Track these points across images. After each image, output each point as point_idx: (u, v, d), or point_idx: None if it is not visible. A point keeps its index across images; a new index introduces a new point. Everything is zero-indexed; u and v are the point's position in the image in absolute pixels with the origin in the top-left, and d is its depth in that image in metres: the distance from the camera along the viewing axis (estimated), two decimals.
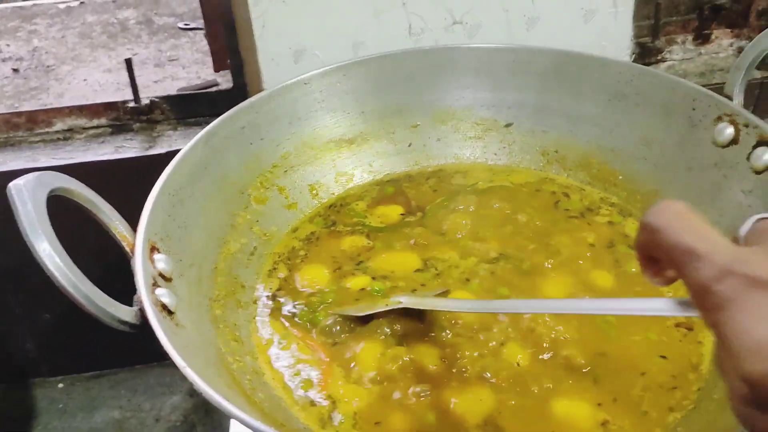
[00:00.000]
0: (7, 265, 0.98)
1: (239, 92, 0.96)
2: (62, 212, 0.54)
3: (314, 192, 0.83)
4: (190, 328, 0.58)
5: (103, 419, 1.02)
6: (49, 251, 0.48)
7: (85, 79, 1.32)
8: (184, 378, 0.83)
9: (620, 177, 0.80)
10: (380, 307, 0.65)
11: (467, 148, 0.88)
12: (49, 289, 1.06)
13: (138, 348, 1.08)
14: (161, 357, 1.14)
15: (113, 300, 0.52)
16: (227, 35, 0.90)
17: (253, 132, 0.79)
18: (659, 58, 1.02)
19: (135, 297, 0.55)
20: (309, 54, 0.90)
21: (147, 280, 0.56)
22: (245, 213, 0.76)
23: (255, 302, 0.70)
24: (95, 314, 0.50)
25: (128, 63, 0.91)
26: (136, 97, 0.94)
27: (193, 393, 1.05)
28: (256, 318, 0.68)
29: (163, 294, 0.56)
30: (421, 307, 0.64)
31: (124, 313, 0.52)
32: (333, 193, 0.83)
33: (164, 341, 0.50)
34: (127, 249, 0.60)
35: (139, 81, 0.99)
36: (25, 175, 0.52)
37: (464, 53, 0.87)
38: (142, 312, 0.53)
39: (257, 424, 0.46)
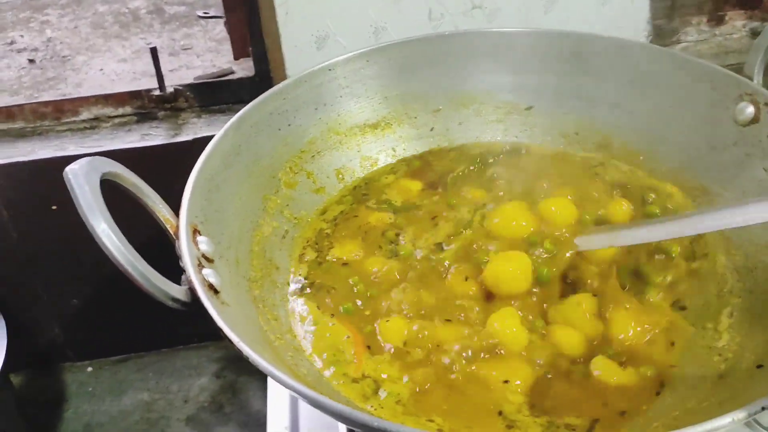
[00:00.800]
0: (33, 252, 0.99)
1: (261, 79, 0.98)
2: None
3: (340, 176, 0.84)
4: (234, 307, 0.60)
5: (131, 401, 1.05)
6: (107, 232, 0.50)
7: (101, 69, 1.33)
8: (210, 360, 0.86)
9: (641, 158, 0.82)
10: None
11: (489, 132, 0.90)
12: (75, 274, 1.08)
13: (164, 331, 1.11)
14: (187, 340, 1.17)
15: (166, 279, 0.54)
16: (250, 22, 0.91)
17: (281, 118, 0.80)
18: (674, 39, 1.03)
19: (183, 277, 0.57)
20: (331, 40, 0.92)
21: (193, 261, 0.58)
22: (276, 197, 0.77)
23: (288, 283, 0.72)
24: (150, 291, 0.52)
25: (153, 52, 0.93)
26: (161, 86, 0.95)
27: (220, 375, 1.07)
28: (290, 298, 0.70)
29: (209, 274, 0.58)
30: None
31: (176, 291, 0.54)
32: (358, 177, 0.85)
33: (216, 318, 0.52)
34: (171, 232, 0.62)
35: (155, 71, 1.00)
36: (79, 160, 0.54)
37: (484, 37, 0.88)
38: (191, 291, 0.55)
39: (310, 392, 0.47)
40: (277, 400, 0.73)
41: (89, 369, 1.11)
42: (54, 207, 0.95)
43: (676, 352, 0.62)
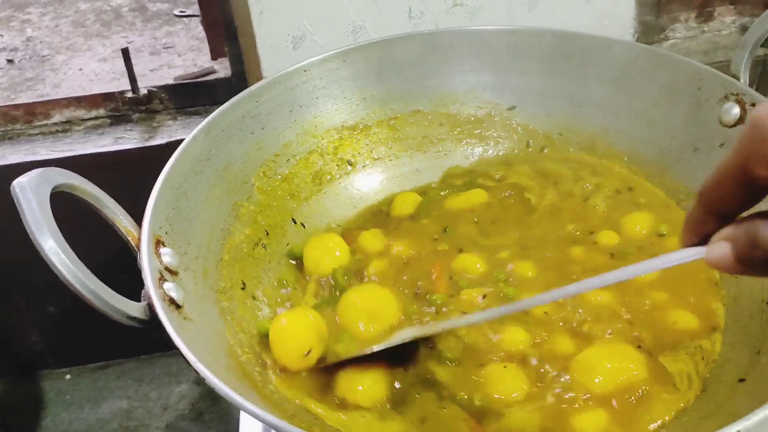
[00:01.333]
0: (10, 259, 0.97)
1: (238, 80, 0.95)
2: (63, 208, 0.54)
3: (317, 180, 0.82)
4: (198, 321, 0.58)
5: (110, 409, 1.03)
6: (55, 249, 0.48)
7: (80, 69, 1.31)
8: (190, 367, 0.84)
9: (625, 159, 0.79)
10: (389, 342, 0.60)
11: (470, 133, 0.87)
12: (53, 282, 1.05)
13: (143, 339, 1.09)
14: (167, 347, 1.14)
15: (121, 296, 0.52)
16: (225, 22, 0.89)
17: (253, 121, 0.78)
18: (662, 36, 1.01)
19: (143, 292, 0.55)
20: (308, 40, 0.89)
21: (154, 275, 0.56)
22: (249, 203, 0.75)
23: (262, 293, 0.70)
24: (104, 311, 0.50)
25: (125, 53, 0.90)
26: (134, 88, 0.93)
27: (200, 382, 1.04)
28: (263, 309, 0.68)
29: (171, 288, 0.56)
30: (432, 333, 0.60)
31: (133, 308, 0.52)
32: (336, 181, 0.83)
33: (174, 336, 0.50)
34: (133, 244, 0.59)
35: (135, 70, 0.98)
36: (29, 173, 0.52)
37: (465, 36, 0.86)
38: (150, 307, 0.53)
39: (267, 416, 0.45)
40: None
41: (68, 376, 1.09)
42: None
43: None
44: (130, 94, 0.93)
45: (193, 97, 0.96)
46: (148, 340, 1.09)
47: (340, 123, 0.84)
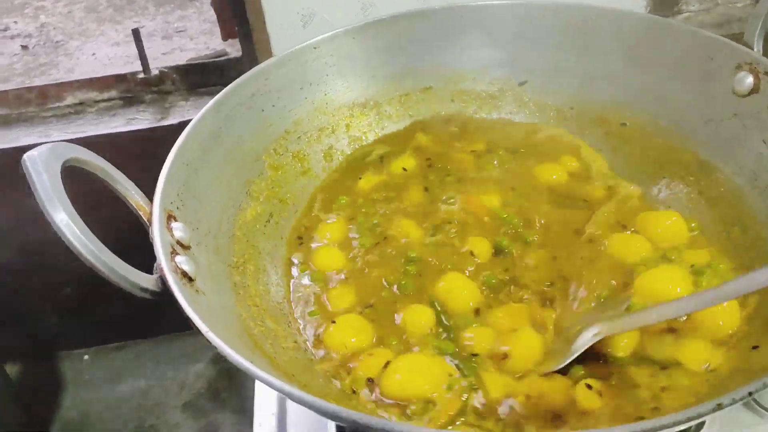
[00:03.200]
0: (27, 243, 0.98)
1: (248, 60, 0.96)
2: (74, 185, 0.54)
3: (328, 157, 0.82)
4: (210, 295, 0.58)
5: (128, 388, 1.04)
6: (66, 221, 0.48)
7: (93, 54, 1.32)
8: (206, 346, 0.84)
9: (637, 132, 0.79)
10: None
11: (482, 108, 0.87)
12: (70, 264, 1.07)
13: (160, 319, 1.10)
14: (183, 327, 1.16)
15: (133, 268, 0.52)
16: (234, 2, 0.89)
17: (263, 99, 0.78)
18: (675, 9, 0.99)
19: (155, 265, 0.56)
20: (318, 18, 0.89)
21: (166, 248, 0.56)
22: (260, 180, 0.75)
23: (273, 268, 0.71)
24: (116, 282, 0.51)
25: (135, 33, 0.91)
26: (146, 68, 0.93)
27: (217, 360, 1.06)
28: (274, 283, 0.69)
29: (183, 261, 0.57)
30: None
31: (145, 280, 0.53)
32: (347, 157, 0.83)
33: (186, 307, 0.51)
34: (144, 218, 0.60)
35: (148, 53, 0.98)
36: (39, 146, 0.52)
37: (475, 11, 0.85)
38: (162, 279, 0.53)
39: (281, 384, 0.46)
40: (263, 387, 0.72)
41: (86, 357, 1.10)
42: None
43: None
44: (141, 75, 0.93)
45: (204, 77, 0.97)
46: (165, 321, 1.10)
47: (351, 100, 0.84)
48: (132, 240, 0.66)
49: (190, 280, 0.57)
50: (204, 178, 0.68)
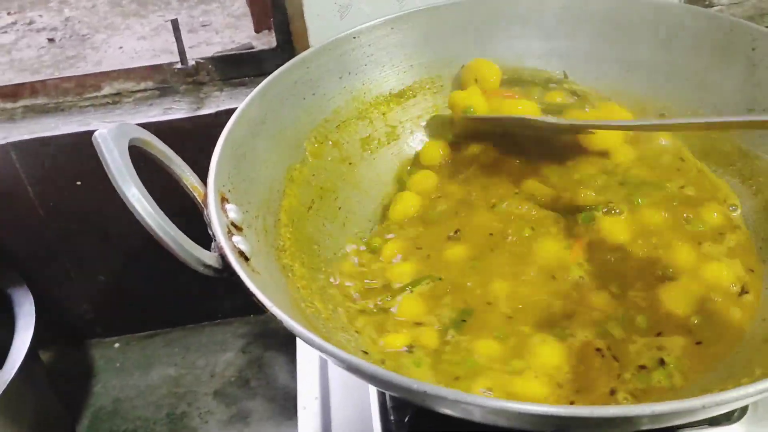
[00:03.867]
0: (62, 230, 0.99)
1: (283, 51, 0.97)
2: None
3: (366, 146, 0.83)
4: (264, 275, 0.59)
5: (159, 376, 1.05)
6: (138, 196, 0.49)
7: (120, 47, 1.33)
8: (236, 336, 0.85)
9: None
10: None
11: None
12: (102, 250, 1.08)
13: (190, 308, 1.11)
14: (213, 316, 1.17)
15: (196, 245, 0.53)
16: None
17: (305, 87, 0.79)
18: (706, 3, 1.00)
19: (213, 245, 0.56)
20: (354, 8, 0.90)
21: (223, 228, 0.57)
22: (302, 167, 0.76)
23: (317, 252, 0.71)
24: (182, 257, 0.52)
25: (174, 24, 0.92)
26: (183, 59, 0.94)
27: (246, 350, 1.07)
28: (321, 267, 0.70)
29: (239, 241, 0.58)
30: None
31: (207, 257, 0.54)
32: (385, 147, 0.84)
33: (248, 283, 0.52)
34: (199, 200, 0.61)
35: (174, 47, 0.99)
36: (107, 125, 0.53)
37: (512, 2, 0.86)
38: (222, 257, 0.54)
39: (342, 353, 0.46)
40: (307, 370, 0.73)
41: (116, 345, 1.11)
42: (78, 183, 0.95)
43: None
44: (178, 66, 0.94)
45: (239, 68, 0.98)
46: (195, 310, 1.11)
47: (388, 90, 0.85)
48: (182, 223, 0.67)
49: (246, 259, 0.57)
50: (251, 163, 0.69)
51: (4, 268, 0.87)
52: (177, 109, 0.94)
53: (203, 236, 0.57)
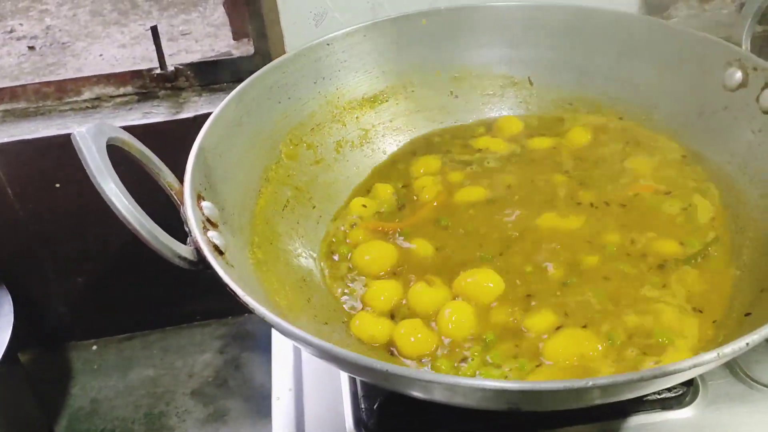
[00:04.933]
0: (40, 232, 1.01)
1: (261, 58, 0.99)
2: None
3: (339, 149, 0.86)
4: (238, 268, 0.62)
5: (137, 377, 1.06)
6: (115, 191, 0.52)
7: (101, 54, 1.35)
8: (213, 337, 0.88)
9: (633, 125, 0.84)
10: None
11: (485, 105, 0.91)
12: (80, 253, 1.10)
13: (167, 310, 1.13)
14: (190, 318, 1.18)
15: (172, 238, 0.56)
16: (249, 2, 0.93)
17: (280, 91, 0.82)
18: (665, 15, 1.05)
19: (188, 239, 0.59)
20: (329, 17, 0.93)
21: (198, 224, 0.60)
22: (277, 167, 0.79)
23: (290, 249, 0.74)
24: (158, 249, 0.54)
25: (154, 30, 0.95)
26: (162, 64, 0.97)
27: (223, 350, 1.09)
28: (293, 261, 0.73)
29: (214, 236, 0.60)
30: None
31: (183, 250, 0.56)
32: (358, 149, 0.87)
33: (222, 274, 0.54)
34: (176, 197, 0.63)
35: (153, 55, 1.02)
36: (86, 125, 0.56)
37: (479, 12, 0.90)
38: (198, 251, 0.57)
39: (317, 341, 0.49)
40: (281, 363, 0.75)
41: (94, 347, 1.13)
42: (57, 185, 0.97)
43: None
44: (158, 71, 0.97)
45: (217, 74, 1.01)
46: (172, 312, 1.13)
47: (361, 95, 0.89)
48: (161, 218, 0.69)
49: (221, 253, 0.60)
50: (227, 163, 0.72)
51: None
52: (156, 114, 0.96)
53: (181, 233, 0.60)
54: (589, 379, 0.42)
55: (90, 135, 0.54)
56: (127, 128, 0.95)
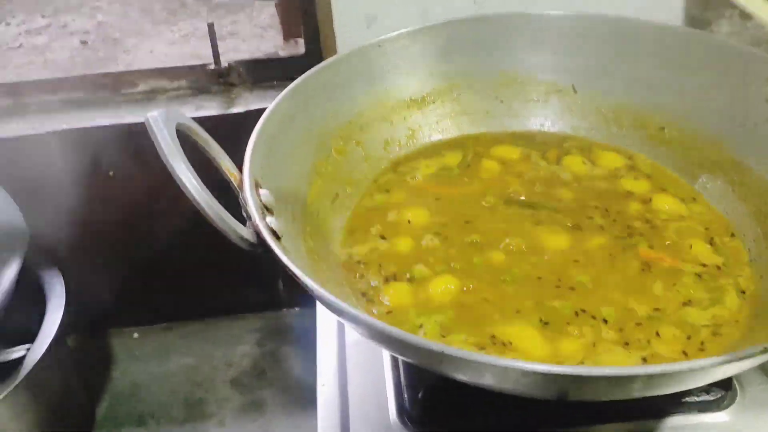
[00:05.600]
0: (93, 219, 1.05)
1: (311, 57, 1.03)
2: None
3: (387, 147, 0.89)
4: (293, 254, 0.64)
5: (177, 365, 1.09)
6: (186, 171, 0.54)
7: (151, 51, 1.39)
8: (251, 330, 0.89)
9: (676, 135, 0.85)
10: None
11: (529, 111, 0.94)
12: (127, 243, 1.13)
13: (207, 303, 1.16)
14: (229, 312, 1.21)
15: (235, 219, 0.59)
16: (303, 3, 0.96)
17: (332, 90, 0.85)
18: (707, 30, 1.06)
19: (247, 224, 0.62)
20: (380, 20, 0.96)
21: (257, 209, 0.62)
22: (327, 163, 0.82)
23: (337, 241, 0.77)
24: (223, 229, 0.57)
25: (210, 27, 0.98)
26: (217, 60, 1.00)
27: (261, 343, 1.11)
28: (342, 251, 0.75)
29: (272, 221, 0.63)
30: None
31: (245, 232, 0.59)
32: (404, 149, 0.90)
33: (281, 255, 0.57)
34: (235, 183, 0.66)
35: (203, 53, 1.05)
36: (157, 109, 0.59)
37: (526, 19, 0.92)
38: (257, 234, 0.60)
39: (371, 319, 0.51)
40: (327, 351, 0.78)
41: (135, 335, 1.16)
42: (111, 173, 1.01)
43: None
44: (212, 67, 1.00)
45: (268, 72, 1.04)
46: (211, 305, 1.16)
47: (409, 96, 0.91)
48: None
49: (278, 237, 0.63)
50: (281, 155, 0.75)
51: (37, 251, 0.92)
52: (209, 107, 1.00)
53: (238, 218, 0.62)
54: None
55: (162, 119, 0.57)
56: None
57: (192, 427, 0.83)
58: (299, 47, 1.09)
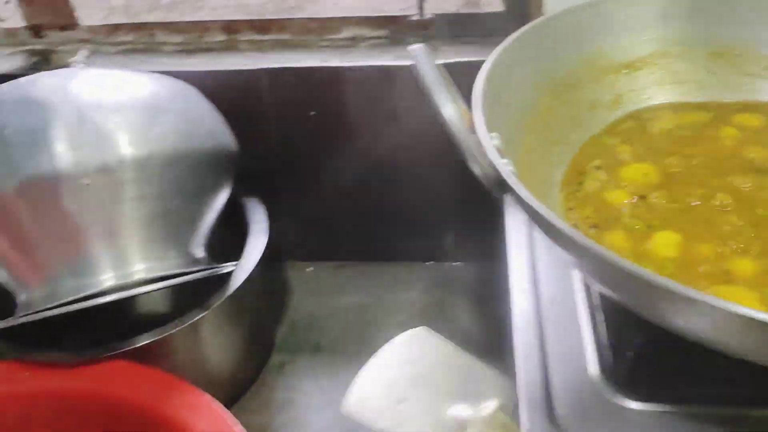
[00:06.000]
0: (288, 155, 1.11)
1: (510, 15, 1.03)
2: None
3: (593, 109, 0.88)
4: None
5: (348, 302, 1.15)
6: (449, 102, 0.57)
7: (335, 3, 1.44)
8: (419, 279, 0.90)
9: None
10: None
11: (743, 84, 0.90)
12: (314, 182, 1.18)
13: (378, 247, 1.21)
14: (398, 258, 1.24)
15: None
16: None
17: (544, 48, 0.85)
18: None
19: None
20: None
21: (494, 149, 0.64)
22: (536, 120, 0.83)
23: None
24: (470, 164, 0.59)
25: None
26: (421, 11, 1.03)
27: (427, 291, 1.15)
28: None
29: (507, 163, 0.64)
30: None
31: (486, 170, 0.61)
32: (607, 112, 0.89)
33: (524, 194, 0.58)
34: (466, 125, 0.68)
35: (385, 6, 1.08)
36: (416, 44, 0.61)
37: None
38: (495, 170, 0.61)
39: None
40: (522, 302, 0.79)
41: (309, 269, 1.22)
42: (312, 113, 1.06)
43: None
44: (416, 17, 1.03)
45: (466, 27, 1.05)
46: (382, 249, 1.20)
47: (618, 60, 0.90)
48: None
49: None
50: (502, 104, 0.76)
51: (240, 180, 0.99)
52: (407, 57, 1.02)
53: None
54: None
55: (422, 53, 0.60)
56: (380, 68, 1.04)
57: (365, 362, 0.87)
58: (494, 4, 1.09)
